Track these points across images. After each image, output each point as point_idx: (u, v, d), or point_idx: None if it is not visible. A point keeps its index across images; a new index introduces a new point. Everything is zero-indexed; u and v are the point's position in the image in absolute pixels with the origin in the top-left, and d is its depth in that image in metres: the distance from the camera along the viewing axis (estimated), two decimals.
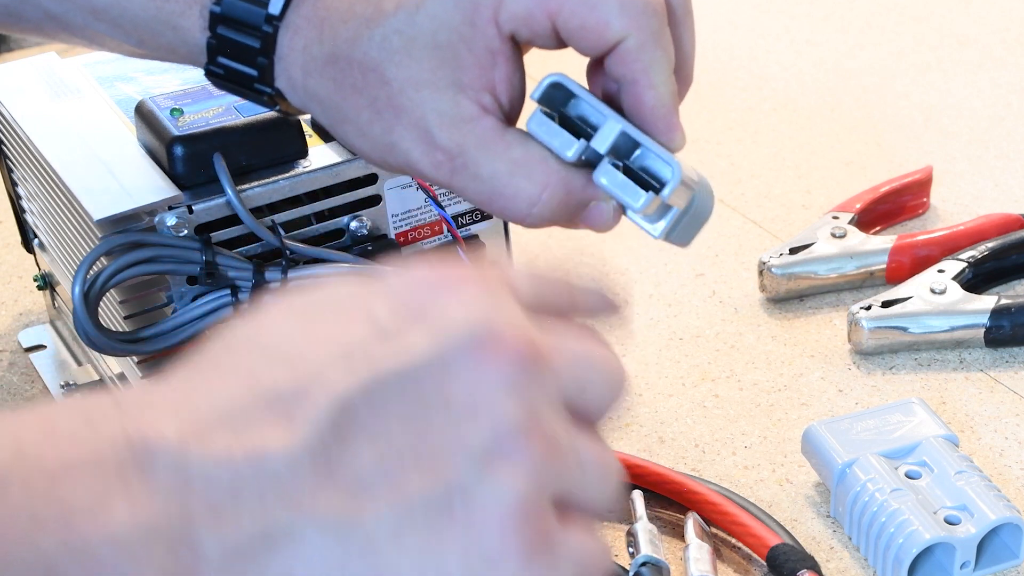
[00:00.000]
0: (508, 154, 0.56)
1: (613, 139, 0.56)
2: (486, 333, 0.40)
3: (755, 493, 0.71)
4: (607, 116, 0.56)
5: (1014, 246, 0.85)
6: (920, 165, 0.95)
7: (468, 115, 0.56)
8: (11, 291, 0.90)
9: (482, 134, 0.56)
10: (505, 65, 0.56)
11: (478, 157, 0.56)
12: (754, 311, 0.85)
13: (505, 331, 0.41)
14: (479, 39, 0.55)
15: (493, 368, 0.40)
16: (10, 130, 0.75)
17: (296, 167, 0.69)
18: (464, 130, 0.56)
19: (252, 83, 0.60)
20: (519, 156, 0.56)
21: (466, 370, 0.40)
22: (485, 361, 0.40)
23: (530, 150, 0.56)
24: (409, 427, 0.39)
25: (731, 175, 0.99)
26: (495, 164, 0.56)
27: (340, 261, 0.69)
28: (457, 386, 0.40)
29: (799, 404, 0.77)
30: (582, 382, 0.43)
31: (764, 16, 1.22)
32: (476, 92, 0.56)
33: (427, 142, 0.56)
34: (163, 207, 0.66)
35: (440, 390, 0.40)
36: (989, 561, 0.66)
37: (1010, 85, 1.09)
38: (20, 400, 0.80)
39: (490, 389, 0.40)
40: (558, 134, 0.56)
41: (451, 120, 0.56)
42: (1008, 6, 1.21)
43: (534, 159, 0.56)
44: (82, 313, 0.65)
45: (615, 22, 0.54)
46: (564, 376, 0.42)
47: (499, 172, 0.56)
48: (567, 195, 0.57)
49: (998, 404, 0.77)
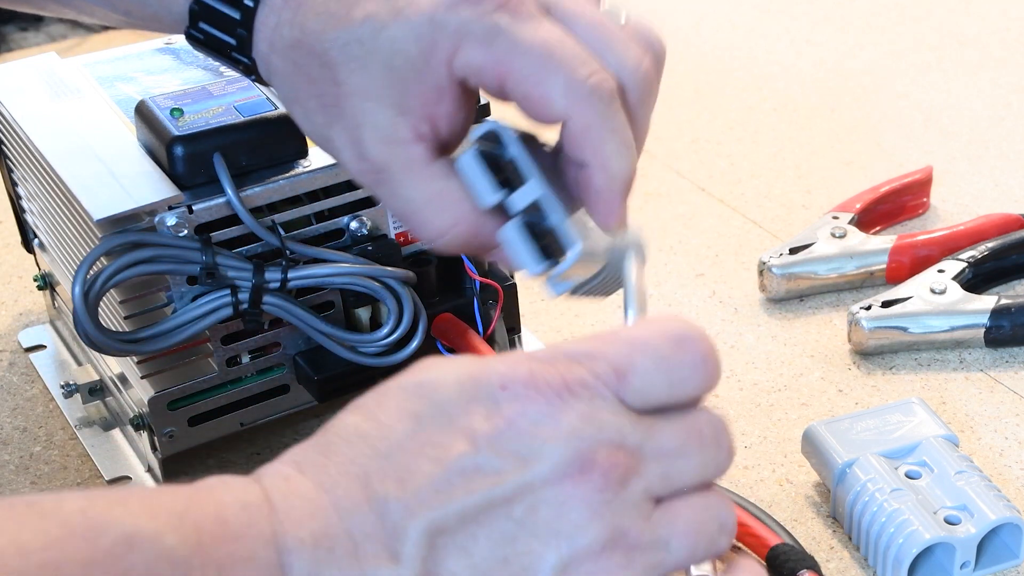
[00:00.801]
0: (428, 185, 0.57)
1: (527, 203, 0.56)
2: (574, 459, 0.45)
3: (755, 493, 0.71)
4: (530, 177, 0.55)
5: (1014, 246, 0.85)
6: (920, 165, 0.95)
7: (401, 137, 0.57)
8: (11, 291, 0.90)
9: (409, 159, 0.57)
10: (450, 103, 0.57)
11: (400, 179, 0.57)
12: (754, 311, 0.85)
13: (594, 454, 0.45)
14: (430, 75, 0.56)
15: (578, 493, 0.45)
16: (10, 130, 0.75)
17: (296, 167, 0.69)
18: (394, 150, 0.57)
19: (230, 51, 0.61)
20: (437, 190, 0.57)
21: (553, 495, 0.45)
22: (571, 487, 0.45)
23: (449, 186, 0.57)
24: (499, 546, 0.45)
25: (731, 175, 0.99)
26: (412, 191, 0.57)
27: (340, 261, 0.69)
28: (544, 510, 0.45)
29: (799, 404, 0.77)
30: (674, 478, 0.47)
31: (764, 16, 1.22)
32: (416, 119, 0.56)
33: (358, 150, 0.57)
34: (163, 207, 0.66)
35: (530, 512, 0.45)
36: (989, 561, 0.66)
37: (1010, 85, 1.09)
38: (20, 400, 0.80)
39: (573, 514, 0.45)
40: (482, 179, 0.56)
41: (384, 137, 0.57)
42: (1008, 6, 1.21)
43: (451, 197, 0.57)
44: (82, 313, 0.65)
45: (558, 102, 0.54)
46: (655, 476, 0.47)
47: (415, 199, 0.57)
48: (475, 236, 0.58)
49: (998, 404, 0.77)
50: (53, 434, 0.78)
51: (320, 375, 0.71)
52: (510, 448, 0.45)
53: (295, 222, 0.70)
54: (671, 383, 0.47)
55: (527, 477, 0.45)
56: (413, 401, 0.46)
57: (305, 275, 0.68)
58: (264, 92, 0.71)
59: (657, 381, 0.47)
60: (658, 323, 0.48)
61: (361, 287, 0.70)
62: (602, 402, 0.46)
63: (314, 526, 0.45)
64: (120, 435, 0.77)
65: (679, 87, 1.11)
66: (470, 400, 0.46)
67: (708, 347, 0.47)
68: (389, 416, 0.46)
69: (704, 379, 0.48)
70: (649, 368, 0.47)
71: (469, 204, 0.57)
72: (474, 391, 0.46)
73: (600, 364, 0.47)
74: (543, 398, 0.46)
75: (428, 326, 0.72)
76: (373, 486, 0.45)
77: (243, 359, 0.71)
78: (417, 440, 0.45)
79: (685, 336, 0.47)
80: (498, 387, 0.46)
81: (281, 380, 0.73)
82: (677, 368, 0.47)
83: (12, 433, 0.78)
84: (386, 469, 0.45)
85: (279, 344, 0.72)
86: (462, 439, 0.45)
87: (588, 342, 0.48)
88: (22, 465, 0.76)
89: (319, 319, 0.70)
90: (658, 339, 0.47)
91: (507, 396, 0.46)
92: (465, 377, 0.46)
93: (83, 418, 0.78)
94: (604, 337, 0.48)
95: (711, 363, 0.47)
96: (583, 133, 0.54)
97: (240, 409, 0.72)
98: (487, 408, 0.46)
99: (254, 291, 0.67)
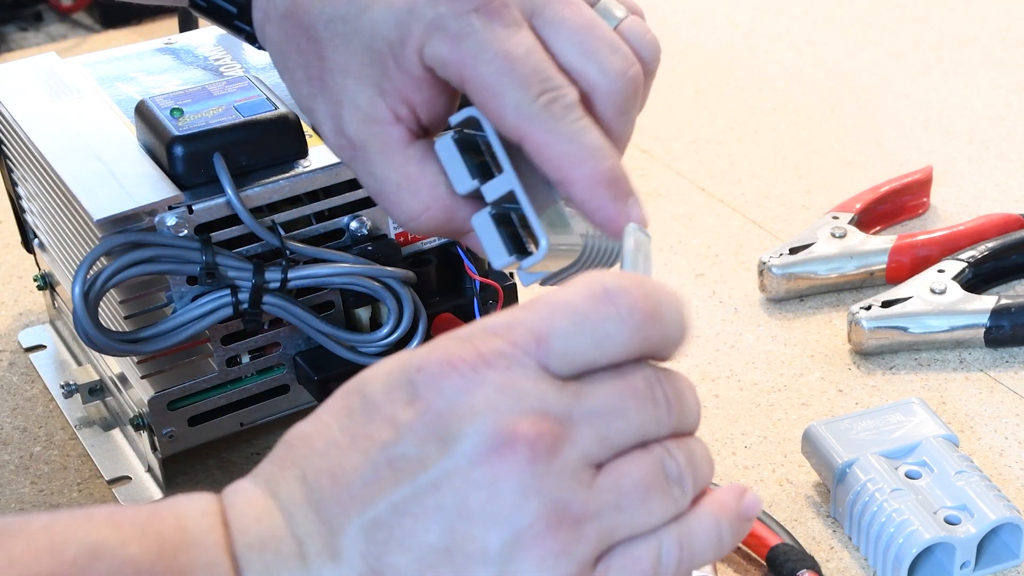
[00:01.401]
0: (403, 167, 0.57)
1: (500, 194, 0.55)
2: (495, 434, 0.44)
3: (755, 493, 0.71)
4: (505, 168, 0.55)
5: (1014, 246, 0.85)
6: (920, 165, 0.95)
7: (380, 117, 0.57)
8: (11, 291, 0.90)
9: (386, 139, 0.57)
10: (429, 89, 0.57)
11: (376, 158, 0.58)
12: (754, 311, 0.85)
13: (515, 426, 0.44)
14: (404, 62, 0.56)
15: (505, 470, 0.43)
16: (10, 130, 0.75)
17: (296, 167, 0.69)
18: (372, 129, 0.57)
19: (232, 19, 0.62)
20: (411, 172, 0.57)
21: (481, 476, 0.43)
22: (497, 464, 0.43)
23: (424, 170, 0.57)
24: (438, 536, 0.44)
25: (731, 175, 0.99)
26: (388, 171, 0.58)
27: (340, 261, 0.69)
28: (475, 494, 0.43)
29: (799, 404, 0.77)
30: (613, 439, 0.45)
31: (764, 16, 1.22)
32: (395, 101, 0.57)
33: (337, 125, 0.58)
34: (163, 207, 0.66)
35: (461, 498, 0.44)
36: (989, 561, 0.66)
37: (1010, 85, 1.09)
38: (20, 400, 0.80)
39: (505, 493, 0.43)
40: (459, 165, 0.56)
41: (363, 116, 0.57)
42: (1008, 6, 1.21)
43: (425, 180, 0.57)
44: (82, 313, 0.65)
45: (510, 119, 0.54)
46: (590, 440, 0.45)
47: (390, 179, 0.58)
48: (448, 221, 0.58)
49: (998, 404, 0.77)
50: (53, 434, 0.78)
51: (320, 375, 0.71)
52: (430, 432, 0.44)
53: (295, 222, 0.70)
54: (596, 341, 0.45)
55: (451, 460, 0.44)
56: (348, 397, 0.47)
57: (305, 275, 0.68)
58: (264, 92, 0.70)
59: (580, 342, 0.45)
60: (583, 282, 0.46)
61: (361, 287, 0.70)
62: (520, 370, 0.45)
63: (261, 530, 0.45)
64: (120, 435, 0.77)
65: (679, 87, 1.11)
66: (392, 388, 0.45)
67: (636, 297, 0.45)
68: (328, 415, 0.47)
69: (633, 331, 0.45)
70: (569, 329, 0.45)
71: (443, 189, 0.57)
72: (397, 379, 0.46)
73: (518, 332, 0.45)
74: (457, 374, 0.44)
75: (428, 326, 0.72)
76: (311, 485, 0.45)
77: (243, 359, 0.71)
78: (347, 434, 0.46)
79: (608, 290, 0.45)
80: (415, 371, 0.45)
81: (281, 380, 0.73)
82: (600, 324, 0.45)
83: (12, 433, 0.78)
84: (320, 466, 0.45)
85: (279, 344, 0.72)
86: (385, 428, 0.45)
87: (510, 312, 0.46)
88: (22, 465, 0.76)
89: (319, 319, 0.70)
90: (578, 298, 0.45)
91: (423, 378, 0.45)
92: (392, 368, 0.46)
93: (83, 418, 0.78)
94: (525, 305, 0.46)
95: (638, 313, 0.45)
96: (539, 152, 0.54)
97: (240, 409, 0.72)
98: (406, 394, 0.45)
99: (254, 291, 0.67)
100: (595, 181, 0.54)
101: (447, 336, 0.46)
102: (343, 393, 0.47)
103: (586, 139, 0.54)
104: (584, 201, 0.54)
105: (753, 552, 0.67)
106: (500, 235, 0.56)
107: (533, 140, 0.54)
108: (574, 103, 0.55)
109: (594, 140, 0.54)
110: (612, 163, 0.54)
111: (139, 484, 0.74)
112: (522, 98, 0.54)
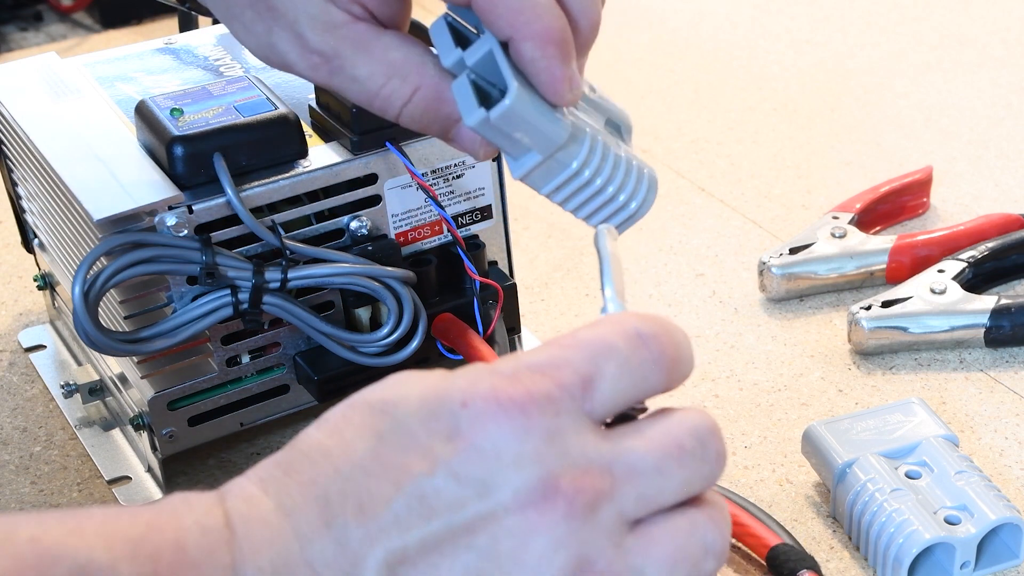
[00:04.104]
0: (385, 56, 0.58)
1: (479, 56, 0.56)
2: (536, 485, 0.43)
3: (755, 493, 0.71)
4: (484, 33, 0.56)
5: (1014, 246, 0.85)
6: (920, 165, 0.95)
7: (338, 21, 0.57)
8: (11, 291, 0.90)
9: (356, 38, 0.57)
10: None
11: (353, 59, 0.58)
12: (754, 311, 0.85)
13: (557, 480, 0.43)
14: None
15: (541, 523, 0.43)
16: (10, 130, 0.75)
17: (296, 167, 0.69)
18: (337, 34, 0.57)
19: None
20: (396, 59, 0.58)
21: (516, 525, 0.43)
22: (534, 515, 0.43)
23: (408, 53, 0.58)
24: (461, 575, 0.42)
25: (731, 175, 0.99)
26: (369, 66, 0.58)
27: (340, 261, 0.69)
28: (508, 541, 0.43)
29: (799, 404, 0.77)
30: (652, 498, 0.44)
31: (764, 16, 1.22)
32: (345, 2, 0.57)
33: (302, 45, 0.58)
34: (163, 207, 0.66)
35: (492, 543, 0.43)
36: (989, 561, 0.66)
37: (1010, 85, 1.09)
38: (20, 400, 0.80)
39: (537, 545, 0.42)
40: (447, 40, 0.57)
41: (322, 25, 0.57)
42: (1008, 6, 1.21)
43: (412, 62, 0.58)
44: (82, 313, 0.65)
45: None
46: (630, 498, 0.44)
47: (374, 73, 0.58)
48: (438, 100, 0.58)
49: (998, 404, 0.77)
50: (53, 434, 0.78)
51: (320, 375, 0.71)
52: (470, 472, 0.43)
53: (295, 222, 0.70)
54: (636, 385, 0.45)
55: (488, 505, 0.43)
56: (376, 418, 0.44)
57: (305, 275, 0.68)
58: (264, 92, 0.71)
59: (624, 386, 0.45)
60: (613, 322, 0.46)
61: (361, 287, 0.70)
62: (568, 418, 0.44)
63: (273, 554, 0.43)
64: (120, 435, 0.77)
65: (679, 87, 1.11)
66: (431, 417, 0.44)
67: (666, 342, 0.45)
68: (352, 433, 0.44)
69: (666, 375, 0.46)
70: (615, 373, 0.45)
71: (430, 67, 0.58)
72: (436, 408, 0.44)
73: (565, 373, 0.44)
74: (505, 416, 0.43)
75: (428, 326, 0.72)
76: (333, 510, 0.43)
77: (243, 359, 0.71)
78: (378, 460, 0.44)
79: (642, 333, 0.45)
80: (459, 404, 0.44)
81: (281, 380, 0.73)
82: (639, 368, 0.45)
83: (12, 433, 0.78)
84: (346, 491, 0.43)
85: (279, 344, 0.72)
86: (421, 460, 0.43)
87: (550, 349, 0.45)
88: (22, 465, 0.76)
89: (319, 319, 0.70)
90: (617, 339, 0.45)
91: (468, 415, 0.43)
92: (428, 393, 0.44)
93: (83, 418, 0.78)
94: (565, 343, 0.45)
95: (668, 358, 0.45)
96: (492, 8, 0.54)
97: (240, 409, 0.72)
98: (448, 427, 0.43)
99: (254, 291, 0.67)
100: (547, 39, 0.54)
101: (490, 370, 0.45)
102: (367, 410, 0.45)
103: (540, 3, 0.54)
104: (534, 60, 0.54)
105: (753, 552, 0.67)
106: (473, 93, 0.56)
107: None
108: None
109: None
110: (563, 23, 0.55)
111: (139, 484, 0.74)
112: None
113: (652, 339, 0.45)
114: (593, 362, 0.45)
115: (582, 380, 0.44)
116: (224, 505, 0.44)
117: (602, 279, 0.50)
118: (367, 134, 0.69)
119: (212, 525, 0.43)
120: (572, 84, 0.55)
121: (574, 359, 0.45)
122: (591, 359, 0.45)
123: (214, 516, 0.44)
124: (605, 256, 0.50)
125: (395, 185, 0.72)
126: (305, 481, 0.44)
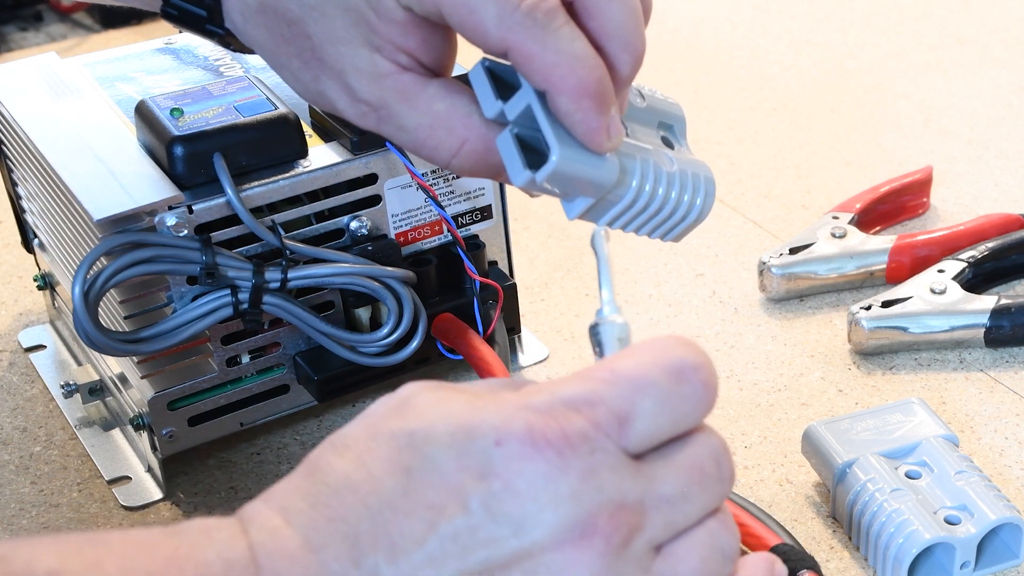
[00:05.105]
0: (430, 108, 0.57)
1: (519, 110, 0.55)
2: (574, 524, 0.43)
3: (755, 493, 0.71)
4: (523, 84, 0.55)
5: (1014, 246, 0.85)
6: (920, 165, 0.95)
7: (385, 71, 0.57)
8: (11, 291, 0.90)
9: (402, 89, 0.57)
10: (417, 32, 0.56)
11: (399, 110, 0.57)
12: (754, 311, 0.85)
13: (595, 519, 0.43)
14: (383, 11, 0.56)
15: (578, 560, 0.43)
16: (10, 130, 0.75)
17: (296, 167, 0.69)
18: (384, 85, 0.57)
19: (203, 23, 0.61)
20: (441, 110, 0.57)
21: (553, 561, 0.43)
22: (572, 553, 0.43)
23: (454, 104, 0.57)
24: None
25: (731, 175, 0.99)
26: (417, 117, 0.57)
27: (340, 261, 0.69)
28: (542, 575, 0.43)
29: (799, 404, 0.77)
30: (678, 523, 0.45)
31: (764, 16, 1.22)
32: (391, 52, 0.56)
33: (350, 94, 0.58)
34: (163, 207, 0.66)
35: None
36: (989, 561, 0.66)
37: (1010, 85, 1.09)
38: (20, 400, 0.80)
39: None
40: (487, 89, 0.56)
41: (369, 76, 0.57)
42: (1008, 6, 1.21)
43: (456, 113, 0.57)
44: (82, 313, 0.65)
45: (492, 31, 0.53)
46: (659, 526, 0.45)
47: (421, 124, 0.57)
48: (487, 152, 0.57)
49: (998, 404, 0.77)
50: (53, 434, 0.78)
51: (320, 375, 0.71)
52: (506, 511, 0.43)
53: (295, 222, 0.70)
54: (674, 421, 0.45)
55: (524, 543, 0.43)
56: (405, 453, 0.44)
57: (305, 275, 0.68)
58: (264, 92, 0.71)
59: (661, 422, 0.45)
60: (657, 354, 0.45)
61: (361, 287, 0.70)
62: (603, 456, 0.44)
63: None
64: (120, 435, 0.77)
65: (679, 87, 1.11)
66: (462, 454, 0.43)
67: (710, 373, 0.45)
68: (379, 467, 0.44)
69: (706, 408, 0.45)
70: (652, 410, 0.44)
71: (476, 119, 0.57)
72: (467, 445, 0.43)
73: (601, 412, 0.44)
74: (541, 457, 0.43)
75: (428, 326, 0.72)
76: (363, 548, 0.43)
77: (243, 359, 0.71)
78: (409, 498, 0.43)
79: (684, 366, 0.45)
80: (493, 443, 0.43)
81: (281, 380, 0.73)
82: (679, 403, 0.45)
83: (12, 433, 0.78)
84: (376, 531, 0.43)
85: (279, 344, 0.72)
86: (455, 500, 0.43)
87: (586, 383, 0.45)
88: (22, 465, 0.76)
89: (319, 319, 0.70)
90: (658, 374, 0.45)
91: (502, 454, 0.43)
92: (457, 428, 0.44)
93: (83, 418, 0.78)
94: (601, 376, 0.45)
95: (711, 389, 0.45)
96: (525, 62, 0.53)
97: (240, 409, 0.72)
98: (479, 464, 0.43)
99: (254, 291, 0.67)
100: (581, 93, 0.53)
101: (523, 404, 0.44)
102: (393, 442, 0.44)
103: (573, 48, 0.53)
104: (569, 112, 0.54)
105: (753, 552, 0.67)
106: (518, 151, 0.55)
107: (519, 50, 0.53)
108: (556, 7, 0.53)
109: (581, 49, 0.53)
110: (600, 73, 0.54)
111: (139, 484, 0.74)
112: (502, 8, 0.53)
113: (695, 370, 0.45)
114: (630, 399, 0.44)
115: (618, 418, 0.44)
116: (248, 536, 0.43)
117: (600, 281, 0.50)
118: (367, 134, 0.69)
119: (235, 559, 0.43)
120: (611, 133, 0.54)
121: (609, 396, 0.44)
122: (628, 396, 0.44)
123: (237, 549, 0.43)
124: (603, 258, 0.50)
125: (395, 185, 0.72)
126: (333, 517, 0.43)
